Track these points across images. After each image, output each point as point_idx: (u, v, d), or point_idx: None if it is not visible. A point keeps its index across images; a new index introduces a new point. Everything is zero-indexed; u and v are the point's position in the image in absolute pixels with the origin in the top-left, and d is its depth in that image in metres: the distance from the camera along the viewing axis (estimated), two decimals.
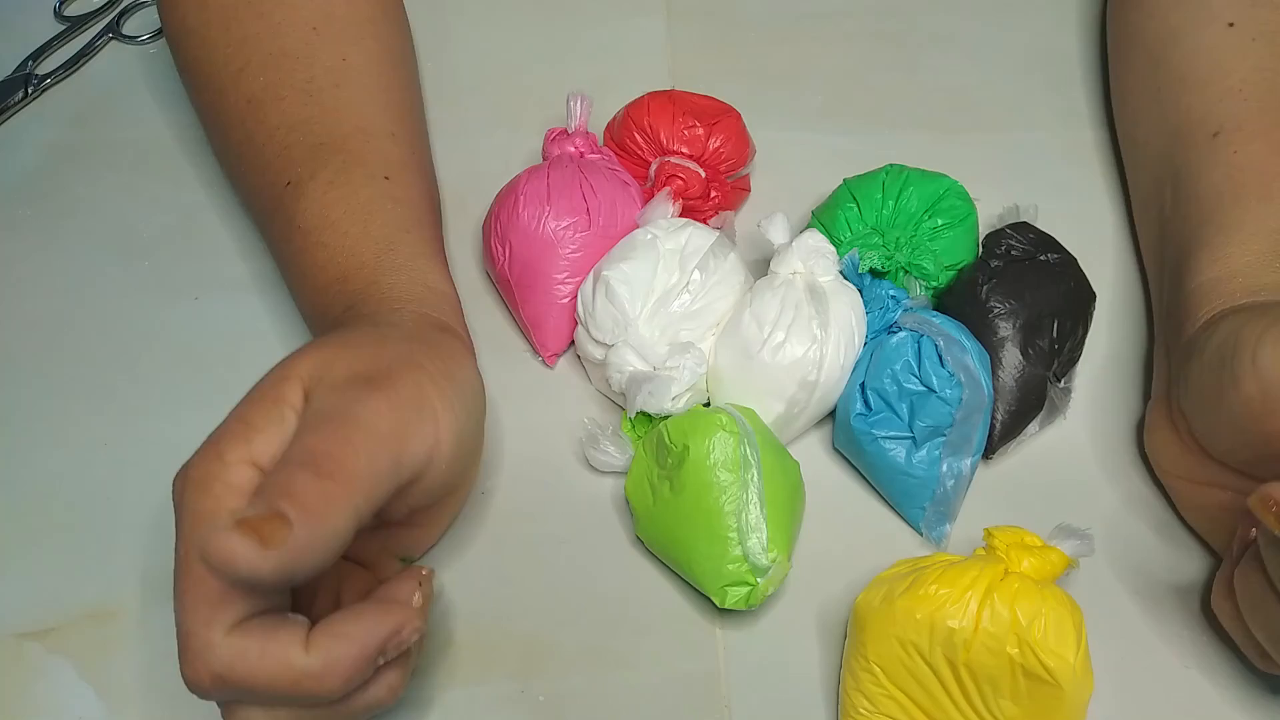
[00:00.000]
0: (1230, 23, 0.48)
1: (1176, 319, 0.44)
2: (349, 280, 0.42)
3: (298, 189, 0.44)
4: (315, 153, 0.45)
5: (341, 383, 0.34)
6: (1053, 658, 0.34)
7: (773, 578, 0.39)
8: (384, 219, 0.44)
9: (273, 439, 0.33)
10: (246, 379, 0.47)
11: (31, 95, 0.58)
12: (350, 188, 0.44)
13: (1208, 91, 0.48)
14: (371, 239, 0.43)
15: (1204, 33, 0.49)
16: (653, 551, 0.42)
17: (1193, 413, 0.40)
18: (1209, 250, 0.44)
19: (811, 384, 0.43)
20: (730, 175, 0.51)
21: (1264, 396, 0.36)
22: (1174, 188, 0.48)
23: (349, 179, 0.44)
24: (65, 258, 0.52)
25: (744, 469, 0.40)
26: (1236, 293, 0.42)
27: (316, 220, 0.44)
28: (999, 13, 0.62)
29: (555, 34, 0.61)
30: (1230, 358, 0.38)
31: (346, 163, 0.45)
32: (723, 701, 0.40)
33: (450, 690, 0.40)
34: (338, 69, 0.47)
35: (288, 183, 0.45)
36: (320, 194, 0.44)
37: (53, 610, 0.41)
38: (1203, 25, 0.49)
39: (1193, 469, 0.42)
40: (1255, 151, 0.45)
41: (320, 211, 0.44)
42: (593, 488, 0.45)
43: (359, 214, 0.44)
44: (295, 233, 0.44)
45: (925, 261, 0.46)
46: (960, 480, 0.42)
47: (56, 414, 0.47)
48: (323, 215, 0.44)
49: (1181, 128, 0.48)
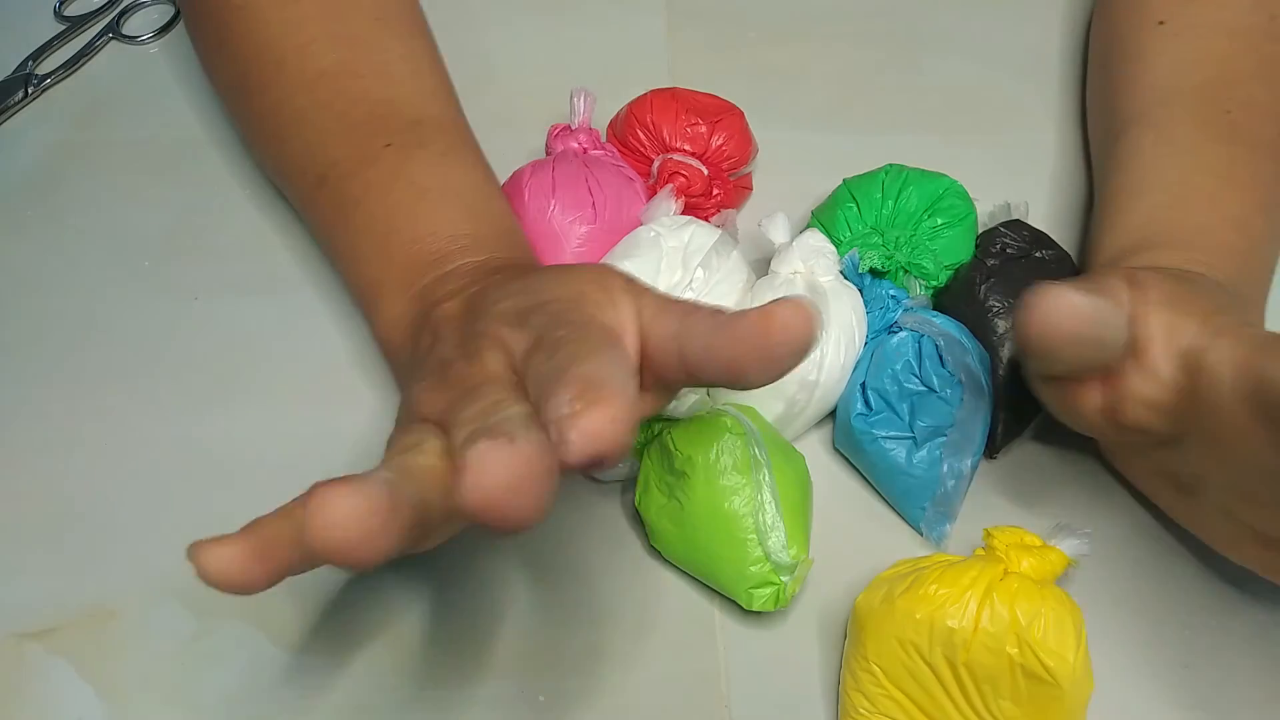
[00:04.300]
0: (1161, 20, 0.49)
1: None
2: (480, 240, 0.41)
3: (404, 151, 0.44)
4: (413, 127, 0.45)
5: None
6: (1052, 658, 0.34)
7: (799, 575, 0.39)
8: (502, 204, 0.44)
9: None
10: (246, 379, 0.48)
11: (31, 95, 0.58)
12: (463, 166, 0.44)
13: (1128, 90, 0.49)
14: (496, 215, 0.43)
15: (1139, 34, 0.50)
16: (671, 561, 0.42)
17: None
18: (1094, 251, 0.45)
19: (811, 384, 0.43)
20: (733, 173, 0.51)
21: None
22: (1101, 189, 0.48)
23: (459, 158, 0.44)
24: (65, 257, 0.52)
25: (755, 470, 0.40)
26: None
27: (435, 182, 0.43)
28: (999, 13, 0.62)
29: (555, 33, 0.61)
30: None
31: (451, 143, 0.45)
32: (723, 701, 0.40)
33: (450, 690, 0.40)
34: (410, 59, 0.48)
35: (387, 144, 0.44)
36: (434, 160, 0.44)
37: (53, 610, 0.41)
38: (1139, 27, 0.50)
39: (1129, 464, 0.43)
40: (1143, 143, 0.46)
41: (438, 175, 0.43)
42: (592, 488, 0.45)
43: (480, 189, 0.44)
44: (404, 185, 0.43)
45: (925, 261, 0.46)
46: (961, 480, 0.42)
47: (57, 414, 0.47)
48: (443, 179, 0.43)
49: (1107, 129, 0.49)
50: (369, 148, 0.44)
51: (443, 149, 0.44)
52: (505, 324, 0.32)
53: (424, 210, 0.42)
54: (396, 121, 0.45)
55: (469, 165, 0.45)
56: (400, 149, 0.44)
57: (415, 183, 0.43)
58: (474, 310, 0.35)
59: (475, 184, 0.44)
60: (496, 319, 0.33)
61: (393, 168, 0.43)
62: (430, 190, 0.43)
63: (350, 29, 0.47)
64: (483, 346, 0.32)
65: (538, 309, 0.32)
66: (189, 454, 0.45)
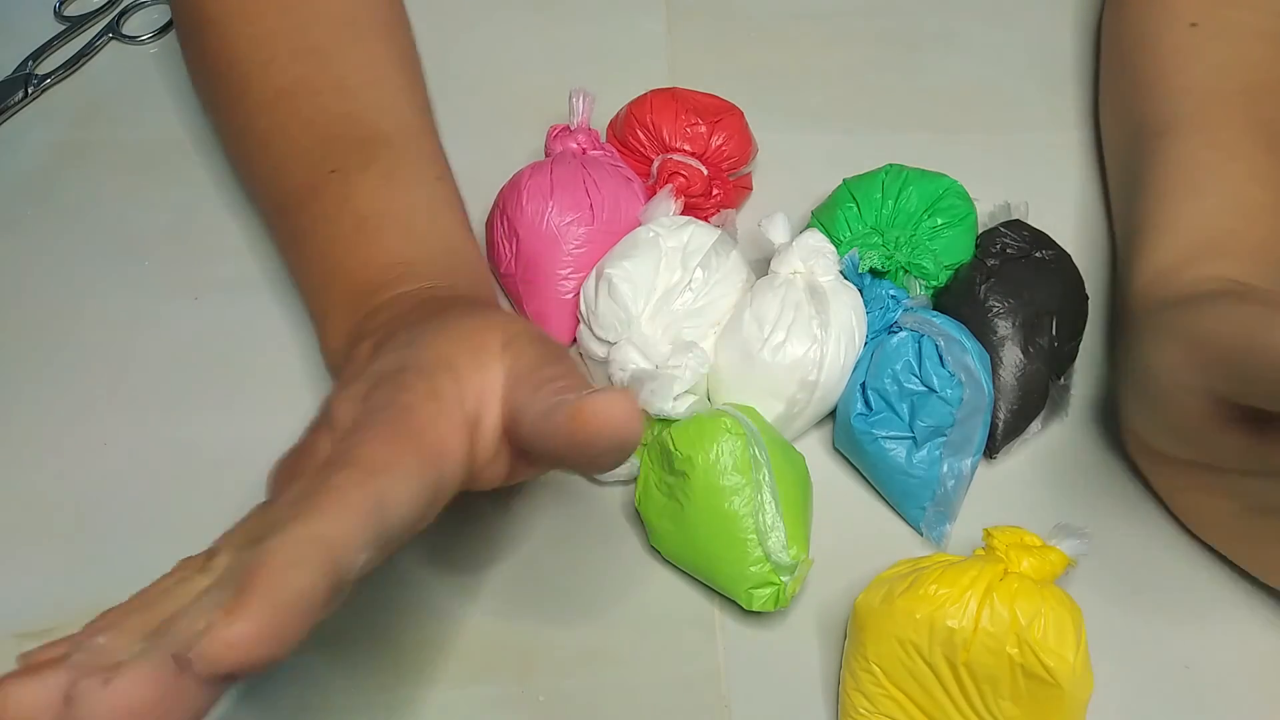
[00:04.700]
0: (1193, 23, 0.48)
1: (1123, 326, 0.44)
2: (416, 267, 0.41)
3: (347, 176, 0.43)
4: (362, 146, 0.44)
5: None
6: (1052, 657, 0.34)
7: (799, 575, 0.39)
8: (449, 220, 0.44)
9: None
10: (245, 379, 0.48)
11: (31, 95, 0.58)
12: (407, 184, 0.44)
13: (1160, 91, 0.48)
14: (439, 236, 0.43)
15: (1168, 35, 0.49)
16: (671, 561, 0.42)
17: (1134, 422, 0.41)
18: (1143, 254, 0.44)
19: (812, 384, 0.43)
20: (732, 173, 0.51)
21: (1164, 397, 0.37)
22: (1129, 192, 0.48)
23: (404, 175, 0.44)
24: (65, 257, 0.52)
25: (755, 470, 0.40)
26: (1160, 295, 0.41)
27: (375, 208, 0.43)
28: (999, 13, 0.62)
29: (555, 33, 0.61)
30: (1138, 366, 0.38)
31: (398, 160, 0.44)
32: (723, 701, 0.40)
33: (450, 690, 0.40)
34: (370, 67, 0.47)
35: (332, 170, 0.44)
36: (376, 184, 0.43)
37: (53, 610, 0.41)
38: (1168, 27, 0.49)
39: (1168, 475, 0.42)
40: (1190, 147, 0.45)
41: (379, 200, 0.43)
42: (592, 488, 0.45)
43: (422, 210, 0.43)
44: (346, 215, 0.43)
45: (925, 261, 0.46)
46: (961, 480, 0.42)
47: (57, 414, 0.47)
48: (385, 204, 0.43)
49: (1137, 130, 0.49)
50: (317, 175, 0.44)
51: (388, 168, 0.44)
52: (349, 398, 0.32)
53: (361, 241, 0.42)
54: (344, 143, 0.45)
55: (415, 183, 0.44)
56: (343, 175, 0.43)
57: (356, 210, 0.43)
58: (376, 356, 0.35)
59: (419, 204, 0.43)
60: (346, 390, 0.33)
61: (336, 197, 0.43)
62: (369, 217, 0.42)
63: (311, 40, 0.47)
64: (318, 424, 0.32)
65: (391, 379, 0.32)
66: (188, 454, 0.45)
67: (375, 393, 0.31)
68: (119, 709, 0.24)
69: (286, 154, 0.45)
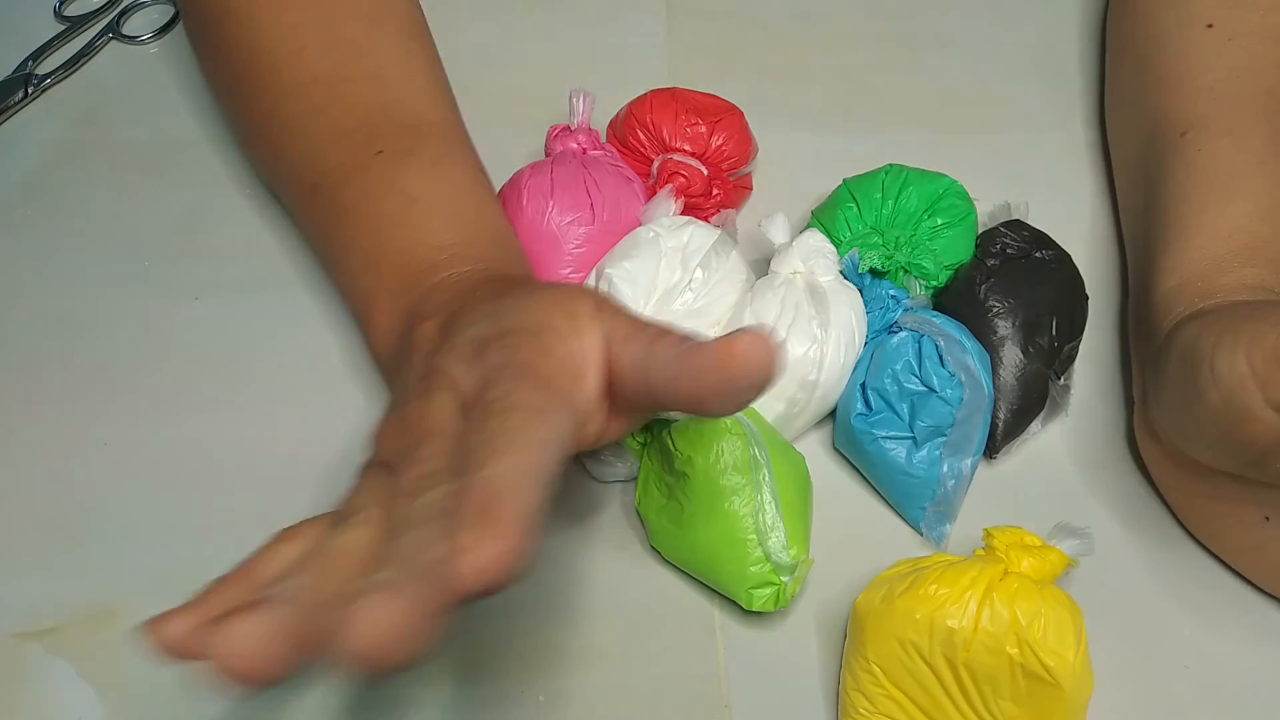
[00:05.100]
0: (1209, 24, 0.48)
1: (1146, 328, 0.44)
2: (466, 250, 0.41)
3: (395, 159, 0.44)
4: (406, 132, 0.45)
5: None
6: (1052, 657, 0.34)
7: (799, 576, 0.39)
8: (494, 209, 0.44)
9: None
10: (245, 379, 0.48)
11: (31, 95, 0.58)
12: (452, 171, 0.44)
13: (1180, 92, 0.48)
14: (486, 222, 0.43)
15: (1184, 35, 0.49)
16: (671, 561, 0.42)
17: (1169, 427, 0.40)
18: (1171, 254, 0.43)
19: (811, 384, 0.43)
20: (732, 173, 0.51)
21: (1229, 407, 0.35)
22: (1146, 191, 0.48)
23: (451, 162, 0.44)
24: (65, 258, 0.52)
25: (755, 470, 0.40)
26: (1195, 298, 0.41)
27: (426, 189, 0.43)
28: (999, 13, 0.62)
29: (555, 33, 0.61)
30: (1192, 371, 0.37)
31: (444, 147, 0.45)
32: (723, 701, 0.40)
33: (450, 690, 0.40)
34: (406, 62, 0.47)
35: (379, 151, 0.44)
36: (425, 168, 0.44)
37: (53, 610, 0.41)
38: (1184, 28, 0.49)
39: (1185, 481, 0.42)
40: (1219, 149, 0.45)
41: (430, 182, 0.43)
42: (593, 488, 0.45)
43: (469, 196, 0.44)
44: (396, 194, 0.43)
45: (925, 261, 0.46)
46: (961, 480, 0.42)
47: (57, 414, 0.47)
48: (435, 186, 0.43)
49: (1155, 130, 0.48)
50: (361, 155, 0.44)
51: (435, 155, 0.44)
52: (461, 360, 0.32)
53: (413, 220, 0.42)
54: (389, 127, 0.45)
55: (461, 170, 0.45)
56: (392, 156, 0.44)
57: (405, 191, 0.43)
58: (447, 332, 0.35)
59: (466, 190, 0.44)
60: (454, 353, 0.33)
61: (384, 176, 0.43)
62: (420, 199, 0.43)
63: (344, 33, 0.47)
64: (434, 386, 0.32)
65: (497, 341, 0.32)
66: (189, 453, 0.45)
67: (488, 353, 0.32)
68: (392, 627, 0.24)
69: (325, 136, 0.45)
